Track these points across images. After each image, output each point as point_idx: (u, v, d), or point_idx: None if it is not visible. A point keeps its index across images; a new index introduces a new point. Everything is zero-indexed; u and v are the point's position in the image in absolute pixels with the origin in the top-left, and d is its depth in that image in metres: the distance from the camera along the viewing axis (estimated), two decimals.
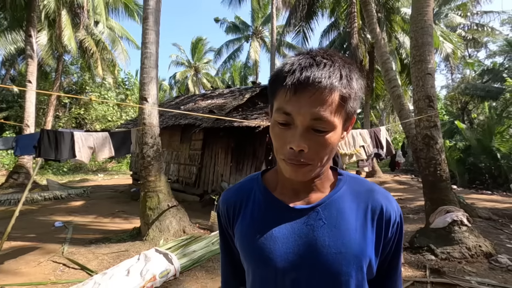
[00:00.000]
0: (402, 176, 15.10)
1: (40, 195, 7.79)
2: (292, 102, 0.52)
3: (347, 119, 0.57)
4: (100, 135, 3.83)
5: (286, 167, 0.56)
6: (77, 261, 3.61)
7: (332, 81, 0.51)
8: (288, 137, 0.54)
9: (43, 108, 17.07)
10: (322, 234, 0.58)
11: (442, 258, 3.67)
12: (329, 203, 0.61)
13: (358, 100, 0.57)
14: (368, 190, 0.63)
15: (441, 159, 4.38)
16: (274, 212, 0.63)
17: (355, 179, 0.66)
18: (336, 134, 0.55)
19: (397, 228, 0.62)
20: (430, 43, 4.46)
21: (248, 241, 0.63)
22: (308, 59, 0.53)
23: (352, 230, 0.58)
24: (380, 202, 0.61)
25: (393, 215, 0.61)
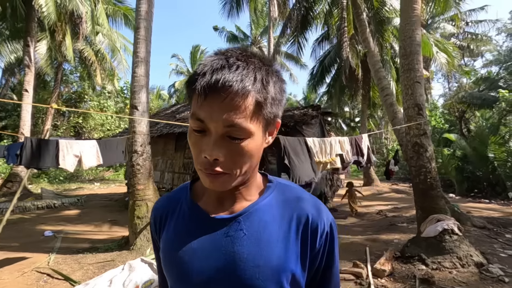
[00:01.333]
0: (400, 184, 15.03)
1: (33, 204, 7.74)
2: (204, 108, 0.49)
3: (268, 124, 0.54)
4: (87, 143, 3.83)
5: (203, 177, 0.53)
6: (62, 272, 3.55)
7: (244, 85, 0.47)
8: (203, 145, 0.50)
9: (41, 117, 17.15)
10: (241, 246, 0.54)
11: (433, 268, 3.61)
12: (252, 212, 0.57)
13: (279, 105, 0.54)
14: (295, 198, 0.60)
15: (431, 167, 4.36)
16: (196, 223, 0.60)
17: (285, 186, 0.63)
18: (254, 141, 0.51)
19: (327, 238, 0.58)
20: (418, 52, 4.51)
21: (167, 254, 0.60)
22: (221, 60, 0.50)
23: (273, 242, 0.55)
24: (307, 211, 0.58)
25: (321, 224, 0.57)
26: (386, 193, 12.02)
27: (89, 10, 11.69)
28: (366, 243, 4.91)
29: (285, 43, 11.08)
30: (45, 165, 3.42)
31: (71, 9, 9.91)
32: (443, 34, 16.30)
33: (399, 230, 5.74)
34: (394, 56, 12.38)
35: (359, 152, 4.07)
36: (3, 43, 13.94)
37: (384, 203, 9.31)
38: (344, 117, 27.84)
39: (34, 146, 3.27)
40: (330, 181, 8.46)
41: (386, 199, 10.41)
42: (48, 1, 9.12)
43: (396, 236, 5.32)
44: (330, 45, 13.42)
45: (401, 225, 6.19)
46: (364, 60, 11.48)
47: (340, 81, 13.37)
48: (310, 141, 3.50)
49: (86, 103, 19.59)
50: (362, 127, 14.28)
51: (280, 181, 0.64)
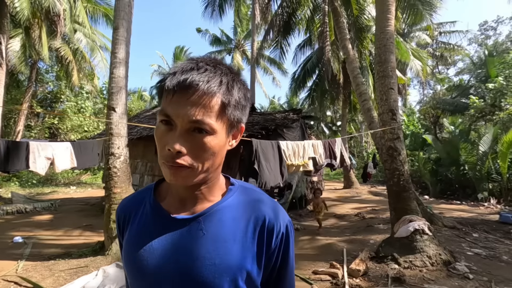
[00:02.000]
0: (378, 187, 15.47)
1: (2, 209, 7.34)
2: (172, 104, 0.53)
3: (231, 126, 0.58)
4: (60, 145, 3.70)
5: (165, 170, 0.55)
6: (30, 279, 3.40)
7: (210, 85, 0.52)
8: (168, 139, 0.53)
9: (13, 118, 16.33)
10: (200, 245, 0.57)
11: (405, 266, 3.76)
12: (212, 213, 0.60)
13: (243, 109, 0.59)
14: (255, 200, 0.63)
15: (404, 169, 4.54)
16: (157, 223, 0.61)
17: (246, 189, 0.66)
18: (217, 139, 0.55)
19: (282, 239, 0.61)
20: (392, 60, 4.71)
21: (128, 252, 0.62)
22: (192, 63, 0.55)
23: (230, 242, 0.58)
24: (264, 212, 0.61)
25: (277, 226, 0.61)
26: (364, 195, 12.34)
27: (68, 7, 11.32)
28: (344, 245, 5.03)
29: (268, 47, 11.22)
30: (14, 168, 3.27)
31: (47, 6, 9.55)
32: (419, 43, 17.08)
33: (375, 231, 5.92)
34: (373, 63, 12.82)
35: (332, 155, 4.19)
36: None
37: (362, 205, 9.56)
38: (326, 121, 28.40)
39: (1, 148, 3.13)
40: (310, 184, 8.60)
41: (365, 201, 10.70)
42: None
43: (372, 237, 5.49)
44: (311, 50, 13.71)
45: (377, 226, 6.38)
46: (344, 66, 11.82)
47: (322, 85, 13.68)
48: (283, 144, 3.56)
49: (63, 103, 18.85)
50: (343, 131, 14.64)
51: (242, 184, 0.67)
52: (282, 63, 13.06)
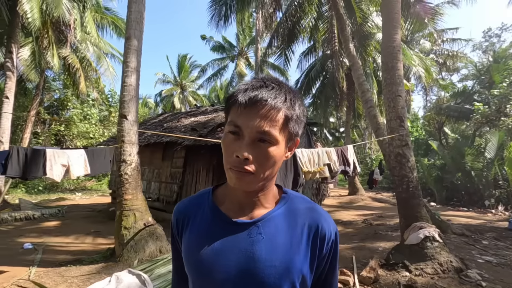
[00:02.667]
0: (383, 194, 15.39)
1: (11, 215, 7.40)
2: (242, 116, 0.59)
3: (290, 139, 0.64)
4: (75, 152, 3.76)
5: (231, 175, 0.61)
6: (44, 285, 3.43)
7: (277, 102, 0.59)
8: (236, 147, 0.59)
9: (21, 125, 16.54)
10: (260, 248, 0.62)
11: (416, 274, 3.74)
12: (270, 219, 0.65)
13: (301, 124, 0.65)
14: (307, 208, 0.69)
15: (413, 176, 4.55)
16: (218, 226, 0.67)
17: (297, 197, 0.72)
18: (279, 149, 0.61)
19: (332, 245, 0.67)
20: (399, 68, 4.76)
21: (191, 253, 0.67)
22: (260, 82, 0.62)
23: (288, 245, 0.63)
24: (317, 221, 0.66)
25: (328, 233, 0.66)
26: (370, 202, 12.29)
27: (78, 17, 11.57)
28: (353, 252, 5.02)
29: (272, 54, 11.35)
30: (32, 175, 3.34)
31: (57, 16, 9.78)
32: (422, 49, 17.18)
33: (384, 238, 5.89)
34: (377, 69, 12.90)
35: (345, 162, 4.23)
36: None
37: (369, 212, 9.52)
38: (329, 128, 28.42)
39: (20, 156, 3.20)
40: (316, 190, 8.60)
41: (371, 208, 10.65)
42: (34, 8, 8.97)
43: (381, 244, 5.47)
44: (315, 57, 13.84)
45: (385, 233, 6.35)
46: (348, 73, 11.91)
47: (326, 92, 13.76)
48: (298, 151, 3.61)
49: (69, 110, 19.08)
50: (347, 138, 14.65)
51: (293, 193, 0.73)
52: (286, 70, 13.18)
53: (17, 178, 3.56)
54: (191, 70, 26.63)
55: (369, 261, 4.21)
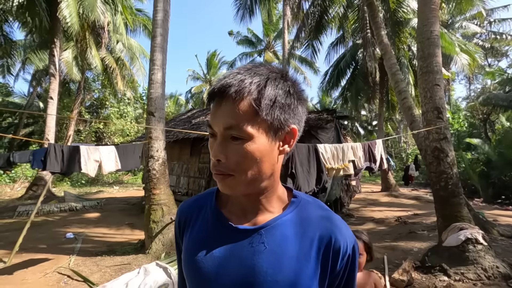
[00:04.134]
0: (420, 190, 14.49)
1: (57, 207, 8.06)
2: (211, 114, 0.54)
3: (274, 129, 0.54)
4: (106, 149, 3.96)
5: (216, 181, 0.56)
6: (81, 273, 3.67)
7: (238, 89, 0.51)
8: (212, 149, 0.55)
9: (65, 123, 17.94)
10: (262, 259, 0.55)
11: (456, 279, 3.45)
12: (274, 226, 0.57)
13: (285, 109, 0.54)
14: (319, 217, 0.59)
15: (453, 173, 4.17)
16: (219, 231, 0.60)
17: (309, 203, 0.62)
18: (256, 144, 0.52)
19: (348, 261, 0.57)
20: (437, 54, 4.36)
21: (189, 258, 0.61)
22: (227, 73, 0.55)
23: (293, 258, 0.55)
24: (330, 232, 0.57)
25: (344, 246, 0.56)
26: (405, 199, 11.62)
27: (112, 19, 12.18)
28: (384, 252, 4.76)
29: (299, 47, 11.06)
30: (69, 170, 3.58)
31: (93, 19, 10.37)
32: (465, 34, 15.72)
33: (419, 238, 5.52)
34: (412, 58, 12.05)
35: (371, 158, 3.96)
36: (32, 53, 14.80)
37: (402, 210, 9.00)
38: (361, 121, 27.31)
39: (57, 152, 3.43)
40: (346, 186, 8.29)
41: (405, 205, 10.06)
42: (72, 12, 9.58)
43: (416, 244, 5.13)
44: (345, 48, 13.26)
45: (421, 233, 5.96)
46: (381, 63, 11.26)
47: (357, 84, 13.17)
48: (321, 147, 3.44)
49: (107, 109, 20.32)
50: (380, 131, 13.93)
51: (305, 197, 0.63)
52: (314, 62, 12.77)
53: (57, 173, 3.83)
54: (220, 66, 26.96)
55: (402, 262, 3.96)
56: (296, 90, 0.57)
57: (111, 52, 14.67)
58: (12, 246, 4.28)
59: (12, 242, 4.78)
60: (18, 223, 6.65)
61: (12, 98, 20.53)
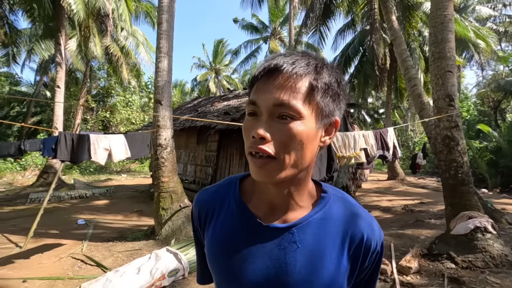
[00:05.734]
0: (426, 178, 14.41)
1: (67, 194, 8.24)
2: (258, 90, 0.51)
3: (322, 115, 0.51)
4: (115, 137, 3.98)
5: (251, 163, 0.51)
6: (94, 258, 3.78)
7: (295, 67, 0.49)
8: (253, 127, 0.50)
9: (72, 112, 18.10)
10: (294, 259, 0.53)
11: (463, 266, 3.46)
12: (307, 224, 0.55)
13: (335, 98, 0.52)
14: (351, 214, 0.58)
15: (463, 161, 4.12)
16: (246, 227, 0.58)
17: (340, 199, 0.60)
18: (305, 125, 0.49)
19: (376, 257, 0.59)
20: (450, 39, 4.23)
21: (216, 254, 0.59)
22: (279, 53, 0.53)
23: (327, 258, 0.54)
24: (362, 230, 0.56)
25: (374, 244, 0.57)
26: (412, 187, 11.59)
27: (115, 7, 12.03)
28: (391, 239, 4.78)
29: (306, 32, 10.82)
30: (79, 159, 3.63)
31: (98, 6, 10.26)
32: (478, 17, 15.17)
33: (426, 226, 5.53)
34: (423, 44, 11.74)
35: (384, 146, 3.91)
36: (36, 42, 14.78)
37: (409, 198, 8.99)
38: (367, 109, 26.97)
39: (67, 141, 3.47)
40: (353, 175, 8.28)
41: (412, 193, 10.04)
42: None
43: (423, 232, 5.14)
44: (353, 34, 12.94)
45: (428, 221, 5.96)
46: (390, 49, 11.00)
47: (365, 71, 12.91)
48: None
49: (113, 98, 20.39)
50: (387, 119, 13.76)
51: (334, 192, 0.61)
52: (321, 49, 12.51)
53: (67, 161, 3.88)
54: (226, 54, 26.67)
55: (409, 250, 3.99)
56: (344, 82, 0.55)
57: (116, 41, 14.57)
58: (26, 232, 4.42)
59: (25, 228, 4.93)
60: (30, 210, 6.83)
61: (19, 87, 20.71)
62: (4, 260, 3.75)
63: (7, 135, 18.12)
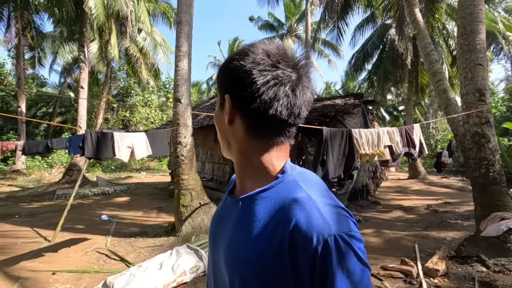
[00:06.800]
0: (451, 178, 13.82)
1: (91, 191, 8.55)
2: None
3: (220, 97, 0.60)
4: (137, 135, 4.07)
5: None
6: (117, 253, 3.88)
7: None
8: None
9: (94, 111, 18.74)
10: (232, 229, 0.58)
11: (495, 270, 3.28)
12: (250, 200, 0.56)
13: (224, 79, 0.59)
14: (293, 198, 0.50)
15: (495, 159, 3.90)
16: (227, 201, 0.67)
17: (294, 182, 0.54)
18: (216, 110, 0.64)
19: (315, 256, 0.44)
20: (480, 31, 4.00)
21: (210, 226, 0.71)
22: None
23: (253, 236, 0.51)
24: (293, 214, 0.48)
25: (306, 234, 0.45)
26: (434, 186, 11.15)
27: (134, 9, 12.31)
28: (414, 240, 4.62)
29: (324, 29, 10.62)
30: (104, 156, 3.73)
31: (117, 10, 10.53)
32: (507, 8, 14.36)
33: (452, 228, 5.30)
34: (447, 37, 11.24)
35: (410, 144, 3.75)
36: (61, 45, 15.41)
37: (433, 198, 8.66)
38: (386, 105, 26.20)
39: (93, 138, 3.58)
40: (373, 173, 8.07)
41: (435, 193, 9.66)
42: (97, 3, 9.78)
43: (449, 234, 4.93)
44: (372, 30, 12.57)
45: (454, 222, 5.71)
46: (413, 44, 10.61)
47: (384, 67, 12.53)
48: (355, 132, 3.29)
49: (132, 97, 20.93)
50: (408, 116, 13.29)
51: (295, 176, 0.56)
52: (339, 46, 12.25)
53: (93, 158, 4.00)
54: None
55: (434, 251, 3.83)
56: (229, 65, 0.58)
57: (135, 42, 14.92)
58: (54, 227, 4.61)
59: (53, 223, 5.15)
60: (57, 205, 7.14)
61: (45, 88, 21.67)
62: (34, 253, 3.93)
63: (34, 134, 19.02)
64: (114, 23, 12.26)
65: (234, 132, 0.58)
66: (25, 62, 14.36)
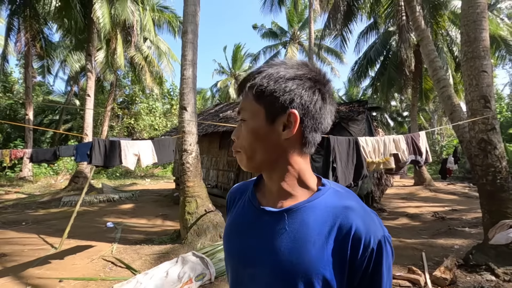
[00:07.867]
0: (457, 184, 13.67)
1: (96, 198, 8.60)
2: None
3: (269, 111, 0.58)
4: (144, 143, 4.12)
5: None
6: (123, 261, 3.89)
7: (246, 77, 0.61)
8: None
9: (100, 119, 18.96)
10: (281, 240, 0.58)
11: (505, 279, 3.23)
12: (297, 211, 0.59)
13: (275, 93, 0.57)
14: (344, 206, 0.57)
15: (502, 166, 3.87)
16: (249, 210, 0.67)
17: (337, 193, 0.61)
18: (252, 123, 0.59)
19: (371, 255, 0.53)
20: (484, 38, 4.02)
21: (226, 233, 0.71)
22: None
23: (310, 245, 0.55)
24: (351, 221, 0.55)
25: (366, 238, 0.53)
26: (441, 193, 11.03)
27: (139, 18, 12.55)
28: (421, 248, 4.56)
29: (327, 36, 10.72)
30: (111, 164, 3.78)
31: (123, 19, 10.75)
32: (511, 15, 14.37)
33: (460, 235, 5.23)
34: (451, 43, 11.26)
35: (416, 151, 3.74)
36: (69, 54, 15.73)
37: (439, 204, 8.56)
38: (391, 112, 26.13)
39: (100, 146, 3.63)
40: (378, 180, 8.02)
41: (441, 200, 9.55)
42: (104, 13, 10.00)
43: (457, 241, 4.87)
44: (375, 36, 12.65)
45: (461, 229, 5.64)
46: (416, 50, 10.64)
47: (388, 73, 12.56)
48: (362, 140, 3.30)
49: (137, 105, 21.16)
50: (413, 122, 13.25)
51: (334, 187, 0.63)
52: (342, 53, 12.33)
53: (100, 166, 4.05)
54: (245, 59, 26.91)
55: (442, 260, 3.78)
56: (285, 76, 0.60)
57: (140, 50, 15.17)
58: (60, 234, 4.64)
59: (59, 230, 5.18)
60: (63, 213, 7.19)
61: (51, 96, 22.02)
62: (41, 260, 3.96)
63: (41, 141, 19.26)
64: (120, 33, 12.51)
65: (289, 146, 0.60)
66: (34, 70, 14.65)
